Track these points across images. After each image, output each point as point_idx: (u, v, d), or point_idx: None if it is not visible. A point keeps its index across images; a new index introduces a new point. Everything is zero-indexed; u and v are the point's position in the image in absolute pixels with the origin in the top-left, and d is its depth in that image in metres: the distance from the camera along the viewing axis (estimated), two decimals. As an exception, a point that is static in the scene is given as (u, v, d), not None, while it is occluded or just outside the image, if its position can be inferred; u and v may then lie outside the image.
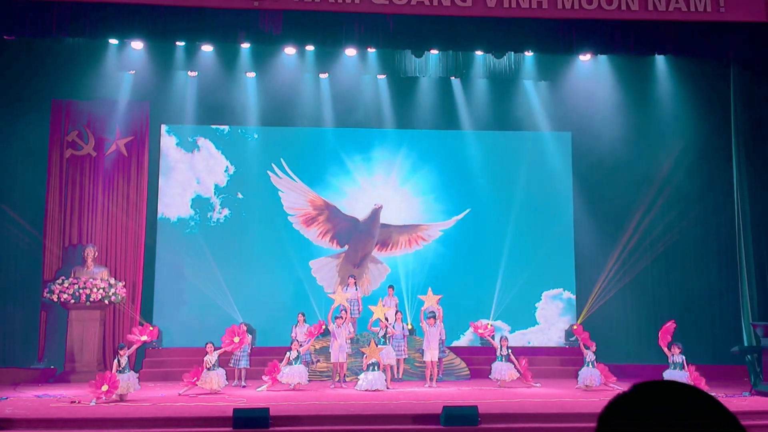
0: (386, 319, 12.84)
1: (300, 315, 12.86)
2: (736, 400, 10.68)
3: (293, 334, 12.60)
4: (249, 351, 12.57)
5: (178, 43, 13.48)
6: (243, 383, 12.35)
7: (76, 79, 14.27)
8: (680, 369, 11.42)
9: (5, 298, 14.03)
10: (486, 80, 15.16)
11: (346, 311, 12.99)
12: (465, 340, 14.96)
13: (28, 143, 14.21)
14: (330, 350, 12.49)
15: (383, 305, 13.49)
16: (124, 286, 13.94)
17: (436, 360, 12.64)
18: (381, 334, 12.54)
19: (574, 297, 15.37)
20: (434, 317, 12.72)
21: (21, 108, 13.94)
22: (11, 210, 13.94)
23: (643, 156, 15.09)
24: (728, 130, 14.07)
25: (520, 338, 15.09)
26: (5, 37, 11.84)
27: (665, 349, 11.69)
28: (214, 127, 15.50)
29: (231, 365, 12.33)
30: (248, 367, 12.55)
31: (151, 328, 11.87)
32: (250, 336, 12.59)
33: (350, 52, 13.81)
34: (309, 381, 12.31)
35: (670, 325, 11.94)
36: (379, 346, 12.28)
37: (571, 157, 15.65)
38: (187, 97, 15.07)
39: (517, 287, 15.17)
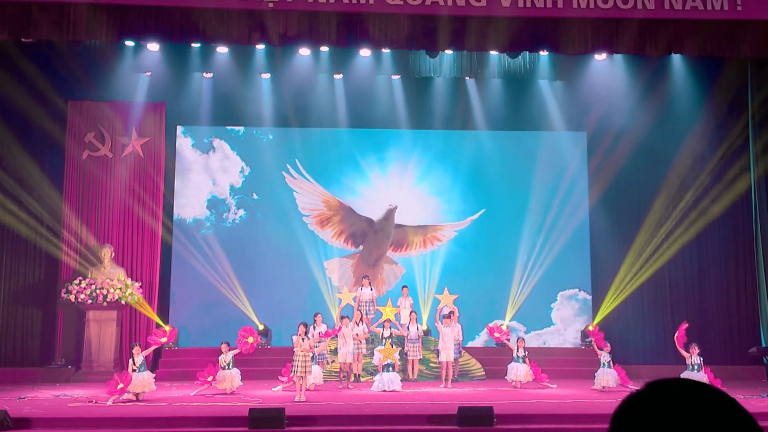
0: (397, 320, 12.88)
1: (317, 315, 12.84)
2: (755, 401, 10.59)
3: (310, 335, 12.59)
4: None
5: (193, 44, 13.53)
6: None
7: (93, 80, 14.38)
8: (698, 371, 11.32)
9: (23, 298, 14.17)
10: (501, 80, 15.11)
11: (360, 311, 13.00)
12: (480, 341, 14.91)
13: (46, 145, 14.34)
14: (338, 351, 12.49)
15: (399, 305, 13.54)
16: (141, 287, 14.02)
17: (452, 360, 12.62)
18: (386, 334, 12.53)
19: (590, 297, 15.28)
20: (450, 317, 12.70)
21: (38, 109, 14.05)
22: (29, 212, 14.06)
23: (659, 155, 14.97)
24: (746, 129, 13.96)
25: (536, 339, 15.02)
26: (22, 39, 11.93)
27: (683, 352, 11.58)
28: (229, 128, 15.55)
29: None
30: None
31: (168, 330, 11.95)
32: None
33: (365, 52, 13.82)
34: (323, 381, 12.33)
35: (683, 326, 11.85)
36: (394, 347, 12.29)
37: (586, 157, 15.55)
38: (202, 99, 15.13)
39: (532, 288, 15.10)
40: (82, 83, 14.38)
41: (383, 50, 13.55)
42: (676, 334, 11.79)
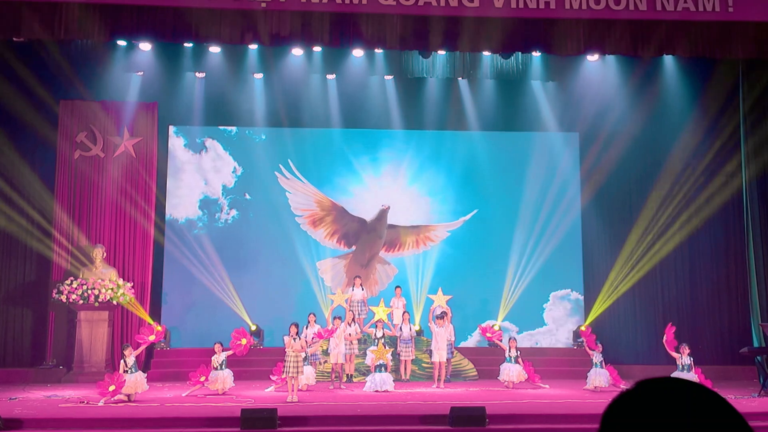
0: (389, 320, 12.88)
1: (311, 315, 12.81)
2: (745, 401, 10.63)
3: (303, 335, 12.57)
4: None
5: (185, 44, 13.50)
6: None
7: (85, 80, 14.32)
8: (688, 371, 11.36)
9: (15, 298, 14.11)
10: (493, 81, 15.13)
11: (351, 312, 13.00)
12: (472, 341, 14.93)
13: (37, 144, 14.28)
14: (330, 351, 12.48)
15: (392, 306, 13.54)
16: (133, 287, 13.97)
17: (444, 361, 12.63)
18: (378, 335, 12.53)
19: (582, 298, 15.32)
20: (443, 318, 12.71)
21: (29, 109, 13.99)
22: (20, 211, 14.00)
23: (651, 156, 15.02)
24: (738, 130, 14.00)
25: (528, 339, 15.05)
26: (14, 38, 11.88)
27: (674, 354, 11.62)
28: (221, 128, 15.52)
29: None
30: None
31: (158, 328, 11.92)
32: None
33: (357, 52, 13.81)
34: (315, 382, 12.31)
35: (670, 328, 11.89)
36: (387, 348, 12.29)
37: (578, 158, 15.59)
38: (194, 99, 15.10)
39: (524, 288, 15.12)
40: (73, 83, 14.31)
41: (376, 50, 13.56)
42: (664, 338, 11.83)
